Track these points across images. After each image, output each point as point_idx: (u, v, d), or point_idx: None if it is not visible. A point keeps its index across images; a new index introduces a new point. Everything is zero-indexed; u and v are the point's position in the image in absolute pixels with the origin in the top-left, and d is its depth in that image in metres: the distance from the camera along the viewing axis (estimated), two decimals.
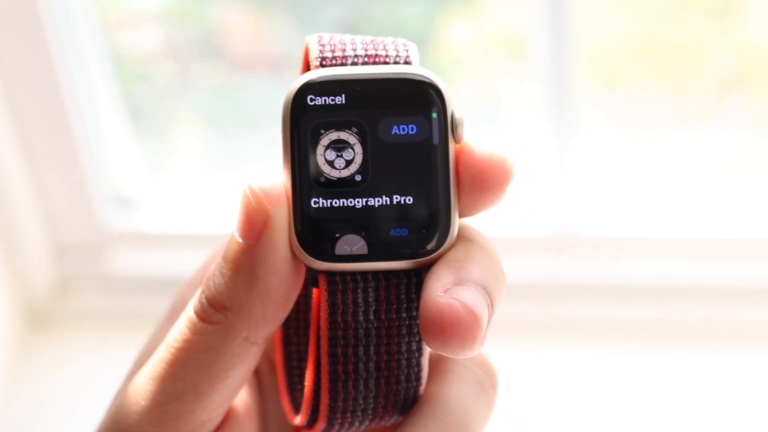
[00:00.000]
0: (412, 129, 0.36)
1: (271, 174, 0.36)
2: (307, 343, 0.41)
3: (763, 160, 1.26)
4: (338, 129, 0.36)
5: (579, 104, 1.17)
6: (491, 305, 0.35)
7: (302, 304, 0.42)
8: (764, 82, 1.26)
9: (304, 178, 0.36)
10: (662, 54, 1.23)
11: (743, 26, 1.22)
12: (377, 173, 0.36)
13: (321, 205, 0.36)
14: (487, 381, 0.38)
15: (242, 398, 0.40)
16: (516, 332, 1.14)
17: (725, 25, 1.23)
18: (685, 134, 1.26)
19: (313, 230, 0.36)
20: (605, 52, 1.25)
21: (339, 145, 0.36)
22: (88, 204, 1.26)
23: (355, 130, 0.36)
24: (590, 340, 1.19)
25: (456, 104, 0.37)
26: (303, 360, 0.42)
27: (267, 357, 0.43)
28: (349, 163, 0.36)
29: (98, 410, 0.95)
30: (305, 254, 0.36)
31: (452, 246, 0.36)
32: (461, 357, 0.35)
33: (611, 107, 1.28)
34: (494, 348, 0.43)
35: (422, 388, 0.38)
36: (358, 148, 0.36)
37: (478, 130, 0.36)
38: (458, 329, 0.34)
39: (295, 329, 0.42)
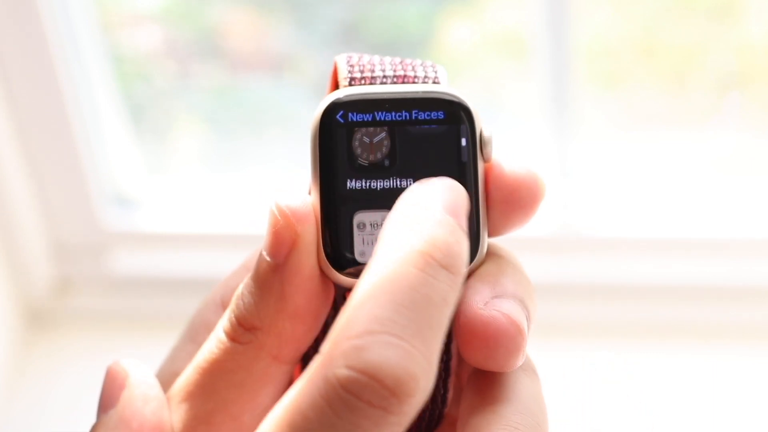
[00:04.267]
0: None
1: (298, 190, 0.36)
2: None
3: (763, 160, 1.26)
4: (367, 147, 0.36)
5: (579, 104, 1.17)
6: (528, 318, 0.35)
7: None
8: (764, 82, 1.26)
9: (332, 196, 0.36)
10: (662, 54, 1.23)
11: (743, 26, 1.22)
12: None
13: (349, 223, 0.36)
14: (534, 366, 0.37)
15: None
16: None
17: (725, 25, 1.23)
18: (685, 134, 1.26)
19: (342, 247, 0.35)
20: (605, 52, 1.25)
21: (368, 164, 0.36)
22: (88, 204, 1.25)
23: (384, 149, 0.36)
24: (590, 340, 1.19)
25: (485, 123, 0.37)
26: None
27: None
28: (378, 181, 0.36)
29: None
30: (334, 272, 0.35)
31: (482, 263, 0.36)
32: (502, 370, 0.34)
33: (611, 107, 1.28)
34: None
35: (446, 409, 0.38)
36: (387, 168, 0.36)
37: None
38: (503, 341, 0.34)
39: (314, 350, 0.41)
